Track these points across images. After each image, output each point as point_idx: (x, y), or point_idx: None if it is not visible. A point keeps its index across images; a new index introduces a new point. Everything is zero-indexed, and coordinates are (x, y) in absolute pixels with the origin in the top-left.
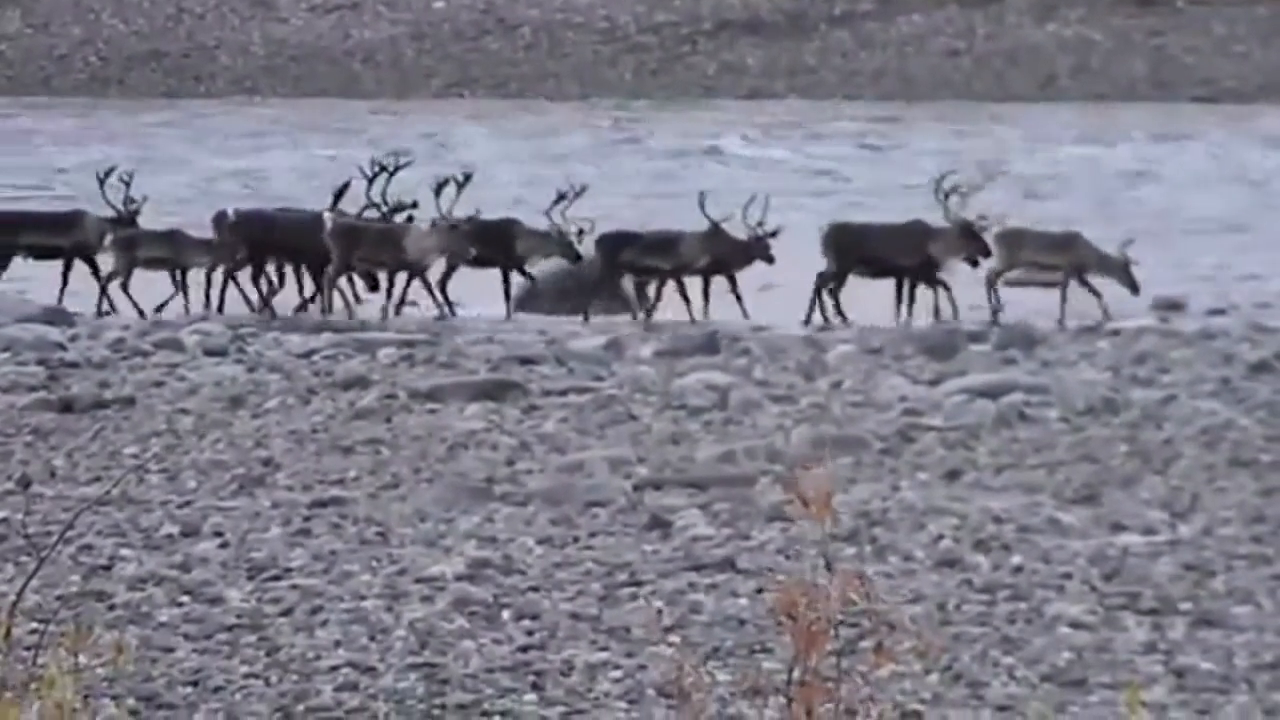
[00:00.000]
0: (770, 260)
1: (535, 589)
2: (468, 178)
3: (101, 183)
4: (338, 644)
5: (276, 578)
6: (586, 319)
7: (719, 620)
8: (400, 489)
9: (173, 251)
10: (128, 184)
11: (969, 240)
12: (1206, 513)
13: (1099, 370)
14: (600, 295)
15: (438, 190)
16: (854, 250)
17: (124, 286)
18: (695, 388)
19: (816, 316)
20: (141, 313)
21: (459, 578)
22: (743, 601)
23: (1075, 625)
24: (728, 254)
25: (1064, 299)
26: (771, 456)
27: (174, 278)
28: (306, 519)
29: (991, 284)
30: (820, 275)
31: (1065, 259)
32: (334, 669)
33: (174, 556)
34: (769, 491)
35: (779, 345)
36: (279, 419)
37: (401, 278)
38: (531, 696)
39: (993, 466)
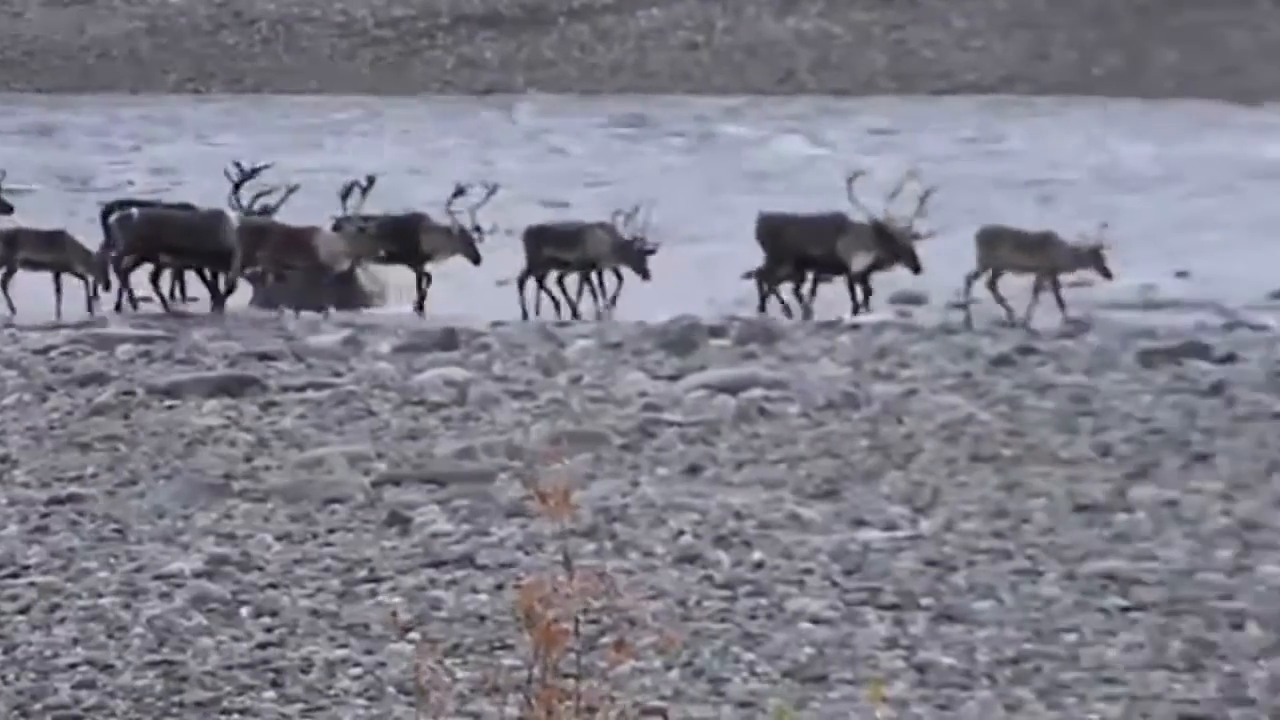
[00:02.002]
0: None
1: (274, 586)
2: (372, 181)
3: None
4: (75, 641)
5: (14, 575)
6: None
7: (458, 617)
8: (138, 486)
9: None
10: None
11: (880, 240)
12: (947, 507)
13: (839, 365)
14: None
15: (344, 194)
16: (779, 241)
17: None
18: (434, 383)
19: (802, 308)
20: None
21: (197, 574)
22: (482, 598)
23: (816, 621)
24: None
25: (1035, 299)
26: (511, 452)
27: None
28: (44, 516)
29: (969, 283)
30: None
31: (1040, 259)
32: (72, 666)
33: None
34: (508, 487)
35: (518, 341)
36: (15, 415)
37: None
38: (270, 694)
39: (733, 462)
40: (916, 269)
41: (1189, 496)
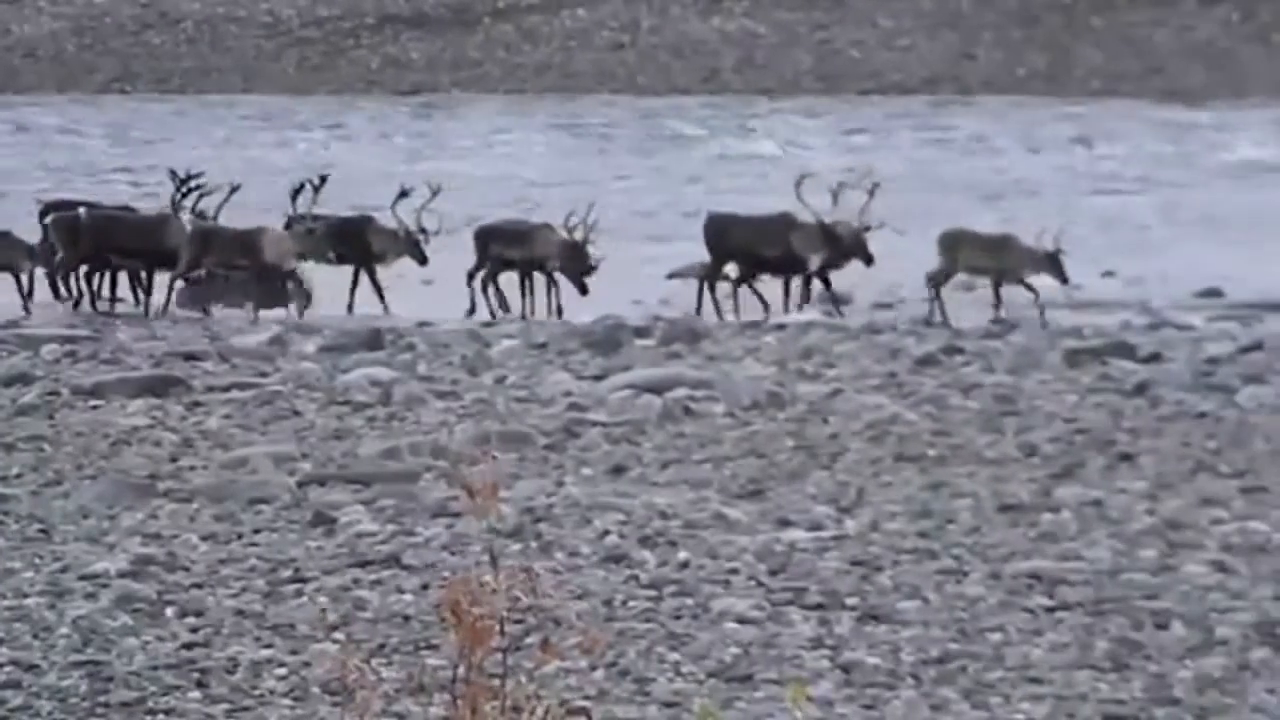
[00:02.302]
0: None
1: (199, 586)
2: (323, 180)
3: None
4: (0, 641)
5: None
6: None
7: (384, 617)
8: (63, 486)
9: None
10: None
11: (827, 239)
12: (873, 507)
13: (765, 365)
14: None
15: (295, 193)
16: (725, 241)
17: None
18: (359, 383)
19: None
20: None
21: (122, 574)
22: (408, 598)
23: (742, 620)
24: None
25: (998, 300)
26: (436, 452)
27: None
28: None
29: (935, 285)
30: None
31: (999, 261)
32: None
33: None
34: (433, 488)
35: (443, 340)
36: None
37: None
38: (195, 694)
39: (658, 462)
40: (869, 262)
41: (1114, 496)
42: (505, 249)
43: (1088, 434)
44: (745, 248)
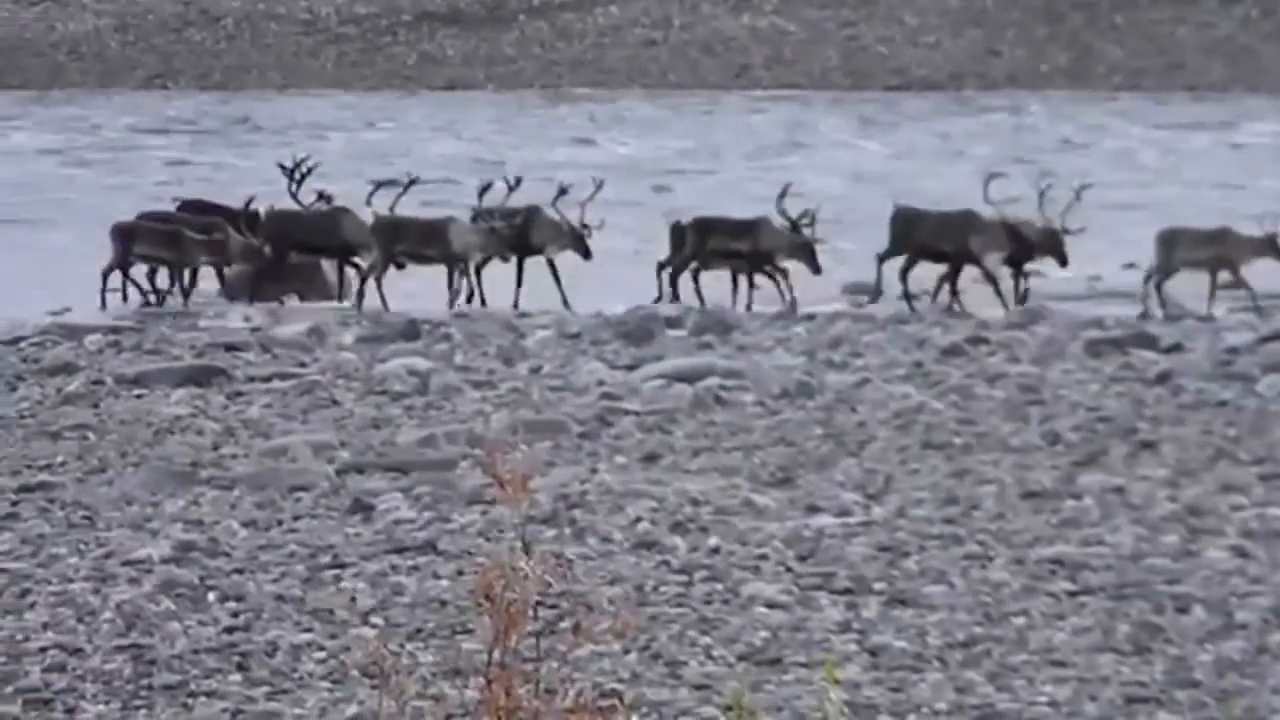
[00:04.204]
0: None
1: (240, 571)
2: (519, 180)
3: None
4: (46, 626)
5: None
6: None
7: (421, 602)
8: (107, 473)
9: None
10: None
11: (1012, 237)
12: (900, 494)
13: (794, 355)
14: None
15: (482, 191)
16: (909, 234)
17: None
18: (397, 373)
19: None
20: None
21: (165, 560)
22: (444, 583)
23: (771, 605)
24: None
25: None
26: (472, 441)
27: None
28: (14, 503)
29: (1155, 282)
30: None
31: (1217, 253)
32: (42, 650)
33: None
34: (469, 475)
35: (479, 331)
36: None
37: None
38: (237, 677)
39: (690, 450)
40: (1063, 262)
41: (1136, 483)
42: (728, 242)
43: (1110, 422)
44: (927, 241)
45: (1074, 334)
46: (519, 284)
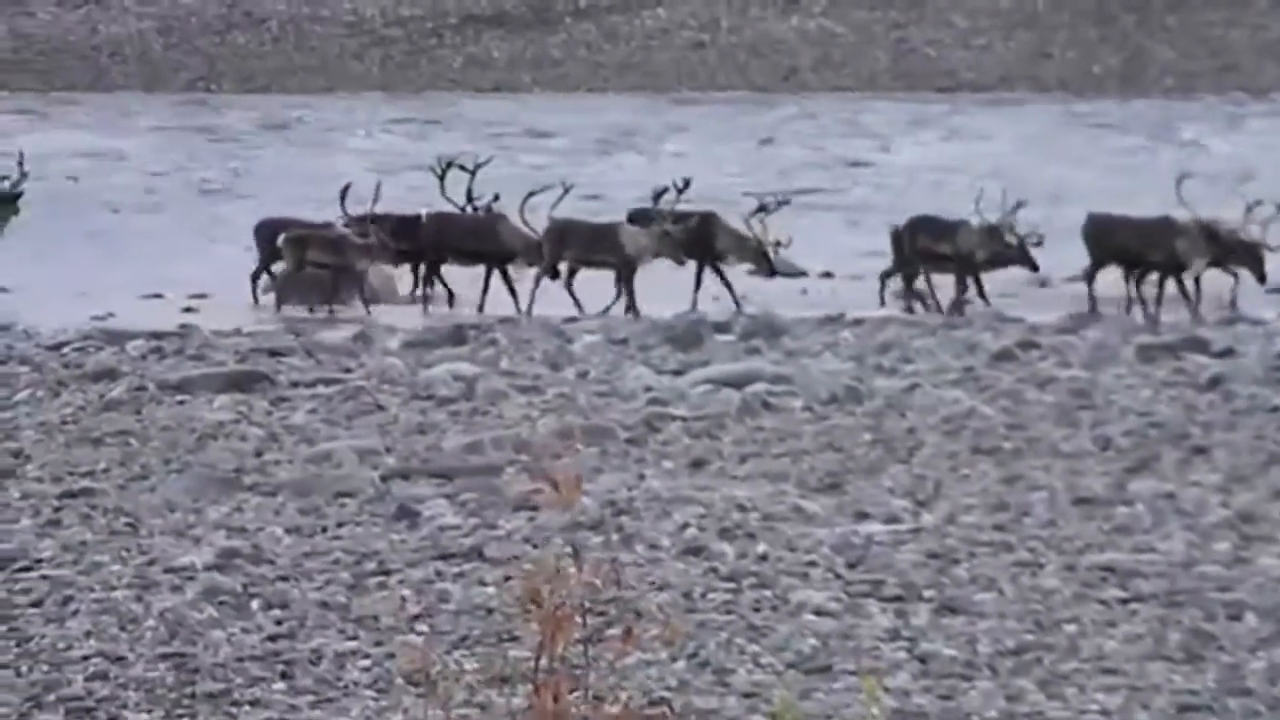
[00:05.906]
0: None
1: (284, 578)
2: (687, 183)
3: None
4: (88, 634)
5: (26, 569)
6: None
7: (466, 609)
8: (150, 480)
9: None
10: None
11: (1213, 241)
12: (949, 501)
13: (842, 360)
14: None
15: (657, 195)
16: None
17: None
18: (442, 378)
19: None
20: None
21: (208, 567)
22: (490, 590)
23: (819, 612)
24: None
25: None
26: (518, 446)
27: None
28: (56, 510)
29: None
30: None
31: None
32: (85, 659)
33: None
34: (516, 481)
35: (525, 336)
36: (28, 411)
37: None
38: (281, 685)
39: (737, 456)
40: (1261, 278)
41: (1188, 489)
42: (934, 244)
43: (1162, 428)
44: (1125, 249)
45: (1125, 338)
46: (697, 286)
